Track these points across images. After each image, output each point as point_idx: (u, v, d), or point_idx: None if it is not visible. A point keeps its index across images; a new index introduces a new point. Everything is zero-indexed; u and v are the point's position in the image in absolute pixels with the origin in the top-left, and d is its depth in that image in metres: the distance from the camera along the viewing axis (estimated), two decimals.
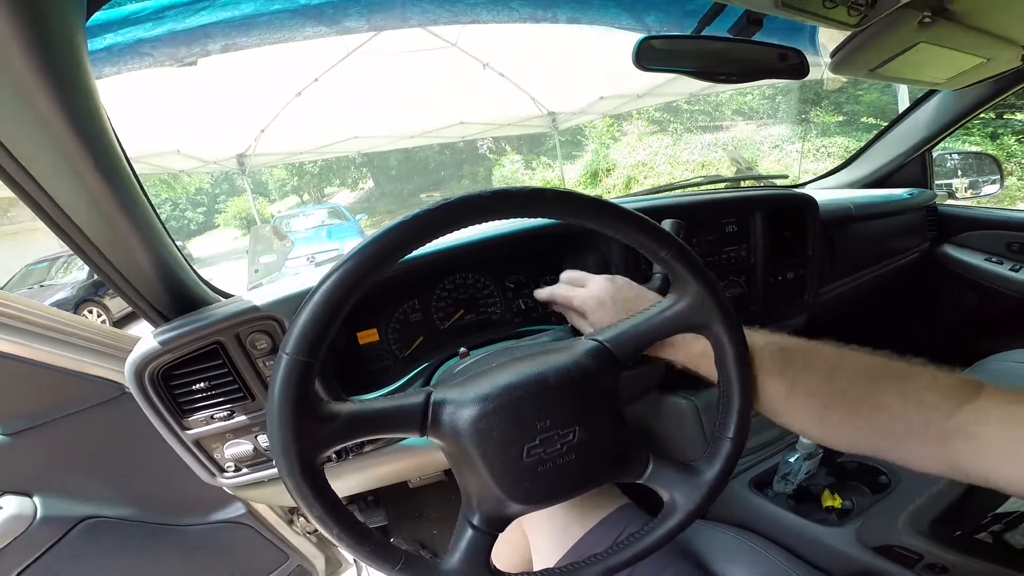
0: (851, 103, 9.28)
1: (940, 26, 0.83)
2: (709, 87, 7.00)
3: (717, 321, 0.49)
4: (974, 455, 0.42)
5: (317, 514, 0.41)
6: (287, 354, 0.38)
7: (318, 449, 0.41)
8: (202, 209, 18.72)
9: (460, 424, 0.44)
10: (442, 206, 0.40)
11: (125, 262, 0.63)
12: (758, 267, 1.03)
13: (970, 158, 1.79)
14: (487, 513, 0.46)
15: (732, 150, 9.95)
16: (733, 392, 0.51)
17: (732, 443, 0.51)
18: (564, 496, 0.47)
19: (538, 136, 12.34)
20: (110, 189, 0.54)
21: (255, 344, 0.70)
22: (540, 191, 0.43)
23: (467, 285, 0.90)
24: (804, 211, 1.07)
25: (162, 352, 0.66)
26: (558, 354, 0.49)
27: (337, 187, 18.54)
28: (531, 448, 0.44)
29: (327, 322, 0.39)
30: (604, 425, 0.48)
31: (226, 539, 0.98)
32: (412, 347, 0.86)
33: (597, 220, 0.45)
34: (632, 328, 0.51)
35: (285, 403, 0.38)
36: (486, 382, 0.46)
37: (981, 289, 1.59)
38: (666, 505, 0.53)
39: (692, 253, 0.48)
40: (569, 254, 0.92)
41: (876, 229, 1.44)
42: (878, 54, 0.93)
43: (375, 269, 0.39)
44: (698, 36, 0.89)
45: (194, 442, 0.72)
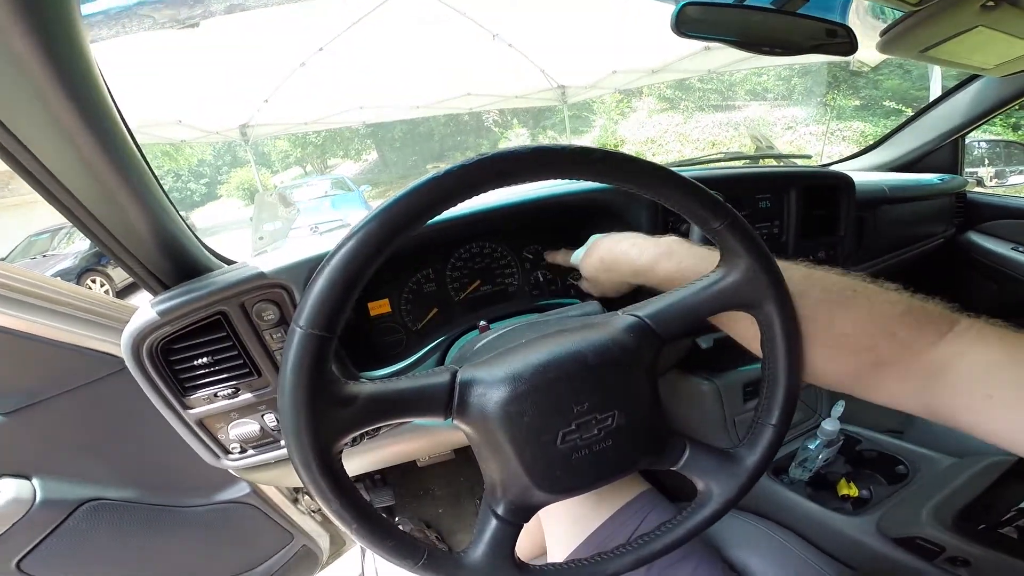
0: (870, 88, 9.05)
1: (1002, 10, 0.81)
2: (727, 64, 6.84)
3: (770, 300, 0.45)
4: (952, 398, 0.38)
5: (335, 508, 0.37)
6: (300, 327, 0.34)
7: (336, 437, 0.37)
8: (204, 180, 18.58)
9: (489, 407, 0.40)
10: (480, 161, 0.35)
11: (120, 227, 0.59)
12: (789, 245, 0.98)
13: (999, 146, 1.74)
14: (512, 502, 0.43)
15: (753, 127, 9.78)
16: (779, 376, 0.47)
17: (775, 430, 0.48)
18: (595, 485, 0.44)
19: (545, 110, 12.16)
20: (103, 151, 0.51)
21: (261, 314, 0.65)
22: (589, 150, 0.38)
23: (483, 255, 0.86)
24: (840, 191, 1.03)
25: (161, 323, 0.61)
26: (594, 330, 0.45)
27: (341, 158, 18.38)
28: (566, 434, 0.41)
29: (347, 290, 0.34)
30: (644, 409, 0.44)
31: (230, 520, 0.96)
32: (426, 319, 0.82)
33: (647, 184, 0.40)
34: (677, 303, 0.46)
35: (299, 384, 0.34)
36: (517, 360, 0.42)
37: (1004, 278, 1.56)
38: (700, 494, 0.50)
39: (748, 225, 0.44)
40: (591, 224, 0.88)
41: (905, 213, 1.40)
42: (932, 35, 0.90)
43: (400, 231, 0.35)
44: (741, 5, 0.86)
45: (197, 422, 0.68)
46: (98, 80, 0.48)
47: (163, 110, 6.09)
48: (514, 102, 9.13)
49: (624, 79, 7.76)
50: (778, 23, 0.87)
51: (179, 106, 6.20)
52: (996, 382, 0.36)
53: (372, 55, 6.03)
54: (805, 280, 0.47)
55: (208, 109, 6.57)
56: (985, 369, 0.37)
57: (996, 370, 0.36)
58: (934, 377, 0.39)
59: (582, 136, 12.40)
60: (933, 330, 0.40)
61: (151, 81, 4.96)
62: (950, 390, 0.38)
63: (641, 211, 0.83)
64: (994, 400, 0.35)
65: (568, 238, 0.89)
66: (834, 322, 0.45)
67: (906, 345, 0.40)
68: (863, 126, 8.69)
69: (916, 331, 0.41)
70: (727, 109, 11.28)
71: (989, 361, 0.37)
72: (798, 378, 0.47)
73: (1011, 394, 0.35)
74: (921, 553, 0.77)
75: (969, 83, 1.44)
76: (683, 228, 0.83)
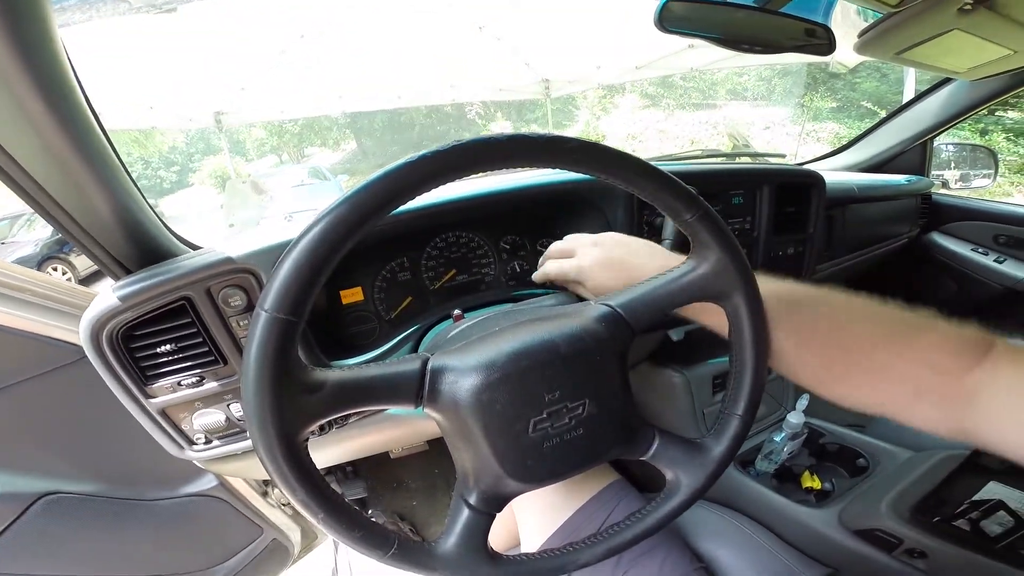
0: (847, 89, 9.27)
1: (979, 14, 0.82)
2: (711, 63, 6.92)
3: (739, 292, 0.46)
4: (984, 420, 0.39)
5: (300, 498, 0.36)
6: (265, 311, 0.33)
7: (302, 424, 0.36)
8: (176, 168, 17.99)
9: (460, 395, 0.40)
10: (456, 147, 0.35)
11: (82, 210, 0.57)
12: (760, 241, 1.00)
13: (965, 150, 1.79)
14: (484, 492, 0.43)
15: (732, 126, 9.92)
16: (746, 368, 0.48)
17: (741, 421, 0.49)
18: (567, 474, 0.44)
19: (529, 103, 12.12)
20: (66, 135, 0.49)
21: (228, 300, 0.63)
22: (564, 139, 0.38)
23: (460, 244, 0.85)
24: (811, 188, 1.05)
25: (122, 309, 0.59)
26: (567, 319, 0.45)
27: (319, 147, 18.04)
28: (537, 422, 0.41)
29: (314, 274, 0.33)
30: (615, 398, 0.45)
31: (197, 513, 0.93)
32: (399, 308, 0.81)
33: (621, 175, 0.40)
34: (648, 294, 0.47)
35: (263, 370, 0.33)
36: (490, 348, 0.42)
37: (964, 278, 1.62)
38: (669, 483, 0.50)
39: (719, 217, 0.44)
40: (569, 216, 0.88)
41: (873, 212, 1.44)
42: (908, 37, 0.92)
43: (371, 216, 0.34)
44: (724, 2, 0.87)
45: (159, 411, 0.66)
46: (64, 64, 0.46)
47: (135, 96, 5.88)
48: (498, 94, 9.07)
49: (608, 74, 7.78)
50: (760, 21, 0.88)
51: (152, 92, 6.00)
52: None
53: (354, 44, 5.92)
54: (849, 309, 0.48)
55: (182, 96, 6.37)
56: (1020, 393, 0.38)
57: None
58: (970, 402, 0.40)
59: (565, 130, 12.41)
60: (970, 356, 0.41)
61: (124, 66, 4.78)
62: (985, 414, 0.39)
63: (618, 203, 0.83)
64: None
65: (546, 229, 0.89)
66: (876, 352, 0.45)
67: (945, 372, 0.41)
68: (837, 127, 8.91)
69: (955, 358, 0.41)
70: (708, 108, 11.43)
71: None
72: (764, 369, 0.48)
73: None
74: (881, 545, 0.79)
75: (940, 87, 1.48)
76: (658, 221, 0.84)
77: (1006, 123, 6.94)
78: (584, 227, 0.88)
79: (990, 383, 0.39)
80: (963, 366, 0.41)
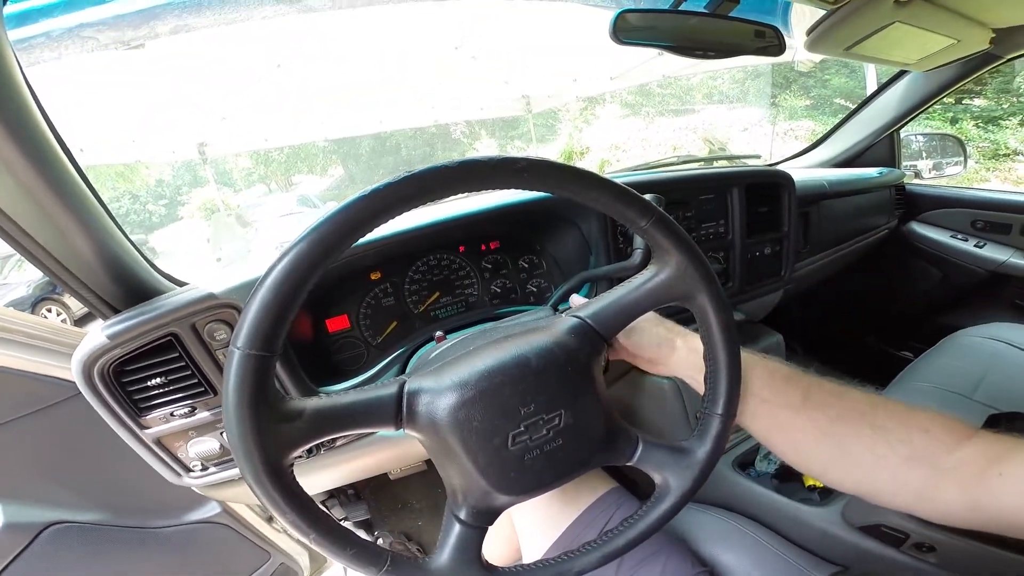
0: (819, 87, 9.41)
1: (915, 6, 0.84)
2: (682, 69, 7.03)
3: (702, 291, 0.47)
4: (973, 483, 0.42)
5: (290, 519, 0.37)
6: (238, 349, 0.34)
7: (284, 450, 0.37)
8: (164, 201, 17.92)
9: (438, 414, 0.41)
10: (406, 178, 0.36)
11: (65, 252, 0.58)
12: (736, 243, 1.02)
13: (935, 139, 1.83)
14: (474, 506, 0.44)
15: (705, 131, 10.06)
16: (720, 365, 0.49)
17: (721, 420, 0.50)
18: (554, 484, 0.45)
19: (512, 120, 12.21)
20: (40, 176, 0.50)
21: (213, 335, 0.65)
22: (512, 159, 0.39)
23: (442, 266, 0.87)
24: (780, 187, 1.07)
25: (111, 346, 0.61)
26: (539, 333, 0.46)
27: (306, 174, 18.02)
28: (516, 436, 0.42)
29: (282, 311, 0.35)
30: (590, 407, 0.46)
31: (202, 540, 0.94)
32: (385, 333, 0.82)
33: (574, 190, 0.42)
34: (615, 302, 0.48)
35: (241, 403, 0.35)
36: (464, 367, 0.43)
37: (947, 265, 1.64)
38: (658, 487, 0.51)
39: (674, 222, 0.45)
40: (547, 232, 0.90)
41: (848, 207, 1.47)
42: (853, 32, 0.94)
43: (333, 249, 0.35)
44: (675, 11, 0.87)
45: (155, 441, 0.68)
46: (30, 105, 0.48)
47: (115, 131, 5.89)
48: (480, 113, 9.16)
49: (585, 87, 7.89)
50: (711, 27, 0.89)
51: (132, 127, 6.00)
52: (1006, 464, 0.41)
53: (331, 70, 5.97)
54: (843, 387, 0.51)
55: (162, 129, 6.38)
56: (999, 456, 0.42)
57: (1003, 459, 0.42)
58: (960, 470, 0.43)
59: (549, 144, 12.50)
60: (960, 432, 0.45)
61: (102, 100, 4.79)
62: (976, 478, 0.42)
63: (591, 217, 0.85)
64: (1004, 478, 0.41)
65: (526, 246, 0.91)
66: (877, 414, 0.48)
67: (938, 441, 0.45)
68: (813, 124, 9.03)
69: (947, 430, 0.45)
70: (687, 113, 11.55)
71: (1001, 451, 0.42)
72: (738, 366, 0.49)
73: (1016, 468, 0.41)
74: (887, 540, 0.78)
75: (899, 79, 1.51)
76: (631, 231, 0.86)
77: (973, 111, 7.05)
78: (561, 242, 0.90)
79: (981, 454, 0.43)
80: (955, 439, 0.44)
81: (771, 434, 0.53)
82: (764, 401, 0.52)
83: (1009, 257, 1.52)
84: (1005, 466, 0.41)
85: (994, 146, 6.74)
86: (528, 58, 6.51)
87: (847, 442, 0.48)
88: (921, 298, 1.74)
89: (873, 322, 1.89)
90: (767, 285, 1.14)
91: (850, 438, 0.48)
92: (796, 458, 0.52)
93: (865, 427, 0.47)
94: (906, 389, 1.05)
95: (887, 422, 0.47)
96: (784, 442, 0.52)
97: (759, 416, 0.52)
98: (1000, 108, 6.92)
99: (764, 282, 1.13)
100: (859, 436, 0.48)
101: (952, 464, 0.44)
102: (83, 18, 1.04)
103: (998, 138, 6.74)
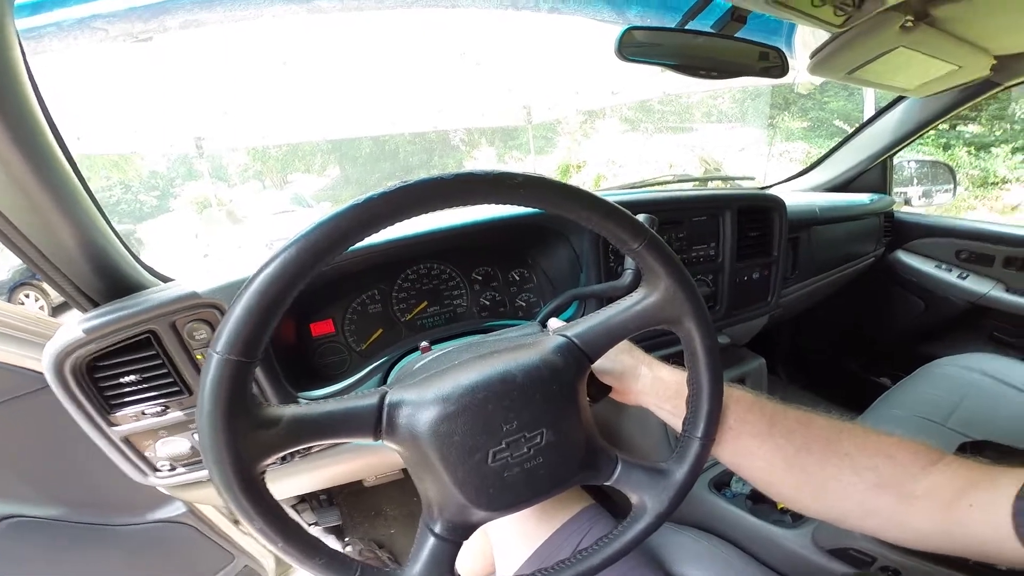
0: (817, 109, 9.53)
1: (920, 31, 0.85)
2: (684, 87, 7.11)
3: (688, 316, 0.47)
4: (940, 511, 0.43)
5: (258, 527, 0.37)
6: (217, 353, 0.34)
7: (257, 458, 0.37)
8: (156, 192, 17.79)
9: (418, 427, 0.41)
10: (400, 189, 0.36)
11: (47, 242, 0.57)
12: (725, 267, 1.03)
13: (926, 166, 1.85)
14: (450, 520, 0.43)
15: (701, 151, 10.16)
16: (703, 390, 0.49)
17: (701, 443, 0.50)
18: (531, 501, 0.45)
19: (512, 130, 12.27)
20: (27, 162, 0.49)
21: (193, 334, 0.64)
22: (510, 175, 0.39)
23: (431, 276, 0.86)
24: (773, 212, 1.08)
25: (86, 341, 0.59)
26: (525, 351, 0.46)
27: (302, 173, 17.94)
28: (497, 452, 0.42)
29: (266, 316, 0.34)
30: (573, 426, 0.45)
31: (165, 540, 0.92)
32: (370, 340, 0.82)
33: (568, 207, 0.42)
34: (602, 323, 0.48)
35: (216, 409, 0.34)
36: (447, 381, 0.43)
37: (929, 295, 1.65)
38: (635, 508, 0.51)
39: (665, 245, 0.46)
40: (539, 247, 0.90)
41: (837, 233, 1.48)
42: (857, 56, 0.95)
43: (321, 257, 0.35)
44: (682, 30, 0.88)
45: (122, 439, 0.66)
46: (26, 92, 0.47)
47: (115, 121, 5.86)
48: (481, 121, 9.21)
49: (586, 100, 7.97)
50: (716, 47, 0.90)
51: (132, 118, 5.98)
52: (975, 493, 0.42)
53: (336, 70, 6.00)
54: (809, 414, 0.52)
55: (162, 121, 6.37)
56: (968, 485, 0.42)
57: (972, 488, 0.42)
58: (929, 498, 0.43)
59: (547, 156, 12.54)
60: (925, 458, 0.45)
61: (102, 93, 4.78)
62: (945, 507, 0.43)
63: (584, 234, 0.85)
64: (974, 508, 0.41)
65: (517, 260, 0.91)
66: (842, 441, 0.48)
67: (903, 468, 0.45)
68: (808, 147, 9.14)
69: (912, 456, 0.46)
70: (685, 131, 11.66)
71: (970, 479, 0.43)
72: (720, 391, 0.49)
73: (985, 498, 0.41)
74: (854, 563, 0.79)
75: (894, 105, 1.53)
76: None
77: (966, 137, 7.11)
78: (553, 258, 0.90)
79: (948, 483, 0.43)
80: (920, 466, 0.45)
81: (738, 461, 0.53)
82: (729, 428, 0.52)
83: (990, 290, 1.53)
84: (974, 495, 0.41)
85: (984, 174, 6.81)
86: (532, 68, 6.58)
87: (813, 469, 0.49)
88: (902, 327, 1.75)
89: (853, 348, 1.91)
90: (754, 310, 1.14)
91: (816, 465, 0.49)
92: (764, 485, 0.53)
93: (831, 454, 0.48)
94: (882, 416, 1.06)
95: (852, 449, 0.48)
96: (751, 469, 0.53)
97: (725, 443, 0.52)
98: (993, 135, 6.99)
99: (751, 307, 1.13)
100: (825, 463, 0.48)
101: (920, 492, 0.44)
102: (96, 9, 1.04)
103: (988, 166, 6.81)
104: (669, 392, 0.55)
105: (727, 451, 0.53)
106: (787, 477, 0.50)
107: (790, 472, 0.50)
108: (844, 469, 0.47)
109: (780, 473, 0.51)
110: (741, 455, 0.53)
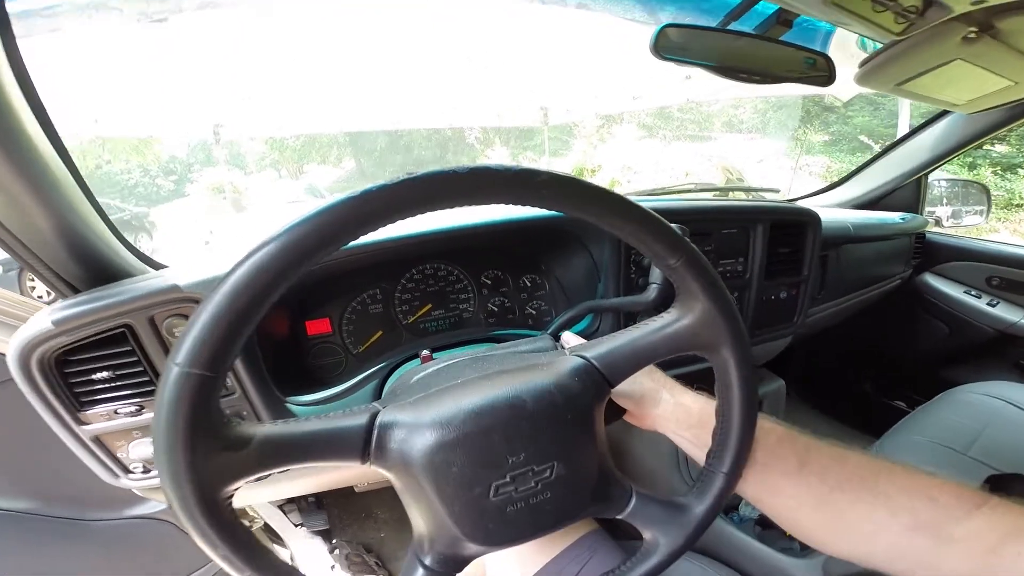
0: (840, 123, 9.37)
1: (982, 43, 0.80)
2: (711, 93, 7.03)
3: (727, 344, 0.42)
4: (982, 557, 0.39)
5: (223, 554, 0.32)
6: (178, 365, 0.28)
7: (221, 483, 0.31)
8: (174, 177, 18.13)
9: (412, 454, 0.36)
10: (404, 182, 0.30)
11: (21, 225, 0.53)
12: (753, 284, 0.96)
13: (958, 185, 1.78)
14: (441, 553, 0.38)
15: (723, 160, 10.06)
16: (733, 423, 0.44)
17: (725, 479, 0.45)
18: (533, 536, 0.40)
19: (527, 130, 12.26)
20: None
21: (172, 330, 0.59)
22: (533, 172, 0.33)
23: (438, 277, 0.81)
24: (807, 228, 1.01)
25: (55, 334, 0.54)
26: (537, 372, 0.41)
27: (318, 164, 18.12)
28: (500, 486, 0.36)
29: (236, 326, 0.29)
30: (587, 458, 0.40)
31: (143, 536, 0.89)
32: (368, 342, 0.77)
33: (596, 212, 0.36)
34: (627, 344, 0.43)
35: (173, 428, 0.29)
36: (448, 403, 0.38)
37: (956, 321, 1.59)
38: (646, 543, 0.46)
39: (708, 263, 0.40)
40: (555, 252, 0.84)
41: (867, 253, 1.41)
42: (911, 67, 0.89)
43: (308, 256, 0.29)
44: (722, 29, 0.83)
45: (93, 439, 0.61)
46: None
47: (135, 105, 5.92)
48: (496, 120, 9.20)
49: (605, 104, 7.92)
50: (759, 50, 0.85)
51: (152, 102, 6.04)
52: None
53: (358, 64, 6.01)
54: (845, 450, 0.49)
55: (182, 107, 6.42)
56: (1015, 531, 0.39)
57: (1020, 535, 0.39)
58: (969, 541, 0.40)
59: (562, 158, 12.52)
60: (970, 501, 0.42)
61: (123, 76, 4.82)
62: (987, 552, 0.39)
63: (604, 240, 0.80)
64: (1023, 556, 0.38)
65: (530, 265, 0.85)
66: (879, 480, 0.45)
67: (946, 510, 0.42)
68: (828, 161, 9.00)
69: (956, 499, 0.42)
70: (703, 140, 11.58)
71: (1018, 525, 0.39)
72: (752, 426, 0.45)
73: None
74: None
75: (935, 121, 1.46)
76: (646, 262, 0.80)
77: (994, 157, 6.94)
78: (569, 265, 0.84)
79: (992, 527, 0.40)
80: (964, 510, 0.41)
81: (763, 497, 0.49)
82: (757, 463, 0.48)
83: (1021, 319, 1.47)
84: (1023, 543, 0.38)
85: (1008, 195, 6.66)
86: (553, 71, 6.54)
87: (844, 508, 0.45)
88: (924, 350, 1.69)
89: (870, 370, 1.85)
90: (778, 331, 1.08)
91: (848, 505, 0.45)
92: (789, 523, 0.49)
93: (865, 493, 0.45)
94: (900, 442, 1.04)
95: (890, 489, 0.44)
96: (776, 507, 0.49)
97: (750, 478, 0.48)
98: (1021, 155, 6.84)
99: (775, 327, 1.07)
100: (857, 502, 0.45)
101: (960, 535, 0.40)
102: None
103: (1014, 187, 6.67)
104: (691, 420, 0.51)
105: (751, 486, 0.49)
106: (815, 515, 0.47)
107: (819, 511, 0.46)
108: (878, 509, 0.44)
109: (808, 511, 0.47)
110: (767, 492, 0.49)
